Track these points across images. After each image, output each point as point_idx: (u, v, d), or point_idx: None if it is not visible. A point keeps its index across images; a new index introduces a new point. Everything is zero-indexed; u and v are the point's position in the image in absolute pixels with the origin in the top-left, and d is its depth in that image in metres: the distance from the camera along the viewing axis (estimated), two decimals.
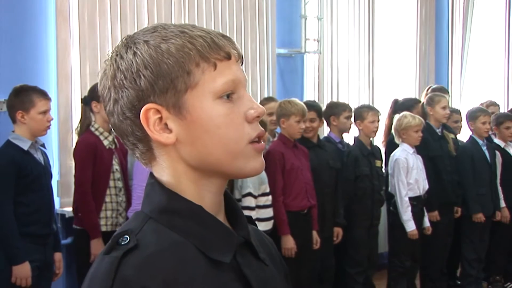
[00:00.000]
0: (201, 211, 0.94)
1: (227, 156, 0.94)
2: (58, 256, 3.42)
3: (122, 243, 0.88)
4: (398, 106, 5.10)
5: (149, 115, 0.92)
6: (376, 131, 4.63)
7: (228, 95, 0.94)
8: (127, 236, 0.89)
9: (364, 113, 4.55)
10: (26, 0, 3.84)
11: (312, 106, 4.33)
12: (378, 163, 4.54)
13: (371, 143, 4.66)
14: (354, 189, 4.46)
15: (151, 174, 0.99)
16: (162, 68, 0.91)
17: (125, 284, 0.84)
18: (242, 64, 0.98)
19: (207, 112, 0.92)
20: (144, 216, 0.94)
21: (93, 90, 3.56)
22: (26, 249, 3.14)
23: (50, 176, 3.39)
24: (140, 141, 0.95)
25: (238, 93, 0.95)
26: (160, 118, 0.92)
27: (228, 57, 0.94)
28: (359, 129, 4.60)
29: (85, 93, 3.69)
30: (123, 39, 0.97)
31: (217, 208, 0.97)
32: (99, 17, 4.09)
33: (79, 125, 3.62)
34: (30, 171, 3.17)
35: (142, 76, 0.91)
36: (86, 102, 3.56)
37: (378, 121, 4.62)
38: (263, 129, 0.97)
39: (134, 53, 0.93)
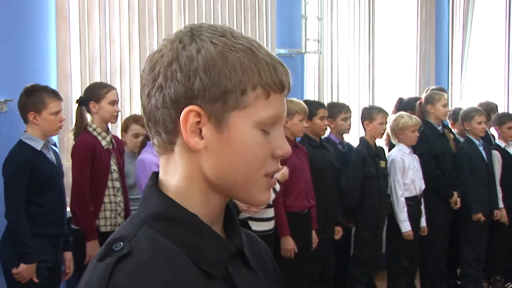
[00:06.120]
0: (197, 221, 0.93)
1: (245, 181, 0.94)
2: (68, 255, 3.39)
3: (116, 250, 0.88)
4: (402, 105, 5.09)
5: (189, 116, 0.91)
6: (383, 133, 4.62)
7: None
8: (120, 243, 0.89)
9: (373, 114, 4.53)
10: (26, 0, 3.84)
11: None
12: (382, 163, 4.53)
13: (375, 144, 4.64)
14: (362, 189, 4.43)
15: (152, 176, 0.98)
16: (221, 78, 0.89)
17: None
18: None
19: (245, 136, 0.92)
20: (139, 221, 0.93)
21: (90, 90, 3.54)
22: (38, 249, 3.13)
23: (62, 175, 3.37)
24: (167, 133, 0.93)
25: (275, 127, 0.95)
26: (198, 122, 0.91)
27: (282, 89, 0.94)
28: (366, 130, 4.55)
29: None
30: (188, 28, 0.94)
31: (215, 218, 0.97)
32: (99, 17, 4.08)
33: (75, 126, 3.57)
34: (43, 171, 3.16)
35: (198, 77, 0.89)
36: (83, 102, 3.52)
37: (386, 123, 4.59)
38: (280, 167, 0.99)
39: (198, 50, 0.90)
